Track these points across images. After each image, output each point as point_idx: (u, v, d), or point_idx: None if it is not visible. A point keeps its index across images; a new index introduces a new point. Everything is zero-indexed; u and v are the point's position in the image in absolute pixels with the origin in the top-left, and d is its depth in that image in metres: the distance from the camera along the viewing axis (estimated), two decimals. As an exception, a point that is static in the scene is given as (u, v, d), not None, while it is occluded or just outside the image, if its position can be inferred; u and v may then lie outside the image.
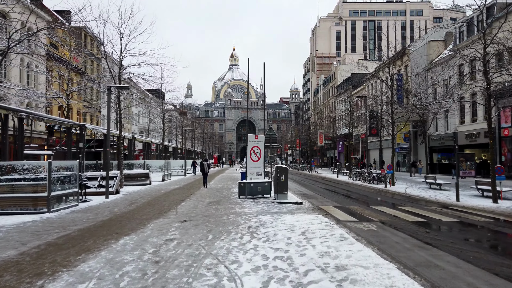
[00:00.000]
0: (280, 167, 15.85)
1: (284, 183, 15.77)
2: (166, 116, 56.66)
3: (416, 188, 23.02)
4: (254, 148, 16.61)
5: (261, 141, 16.99)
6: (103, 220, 10.60)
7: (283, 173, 15.72)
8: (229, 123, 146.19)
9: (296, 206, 14.24)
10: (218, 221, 10.32)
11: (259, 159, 16.83)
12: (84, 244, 7.60)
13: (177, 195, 17.82)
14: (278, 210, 12.74)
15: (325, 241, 7.86)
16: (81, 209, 12.79)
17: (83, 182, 14.69)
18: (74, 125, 21.09)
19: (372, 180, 28.44)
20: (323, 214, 12.39)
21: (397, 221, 11.48)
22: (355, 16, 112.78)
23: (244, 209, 12.68)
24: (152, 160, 32.73)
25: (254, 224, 9.75)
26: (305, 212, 12.50)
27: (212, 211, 12.23)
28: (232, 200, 15.48)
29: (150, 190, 20.61)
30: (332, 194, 20.52)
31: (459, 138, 36.59)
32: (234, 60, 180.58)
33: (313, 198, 18.25)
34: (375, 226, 10.44)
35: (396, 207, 14.83)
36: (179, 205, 13.98)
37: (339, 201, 17.09)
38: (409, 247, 8.06)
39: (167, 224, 9.77)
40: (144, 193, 18.85)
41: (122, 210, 12.61)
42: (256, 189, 16.44)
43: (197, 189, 21.18)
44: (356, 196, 19.86)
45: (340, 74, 77.89)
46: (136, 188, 21.06)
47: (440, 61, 39.26)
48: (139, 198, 16.47)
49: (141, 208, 13.06)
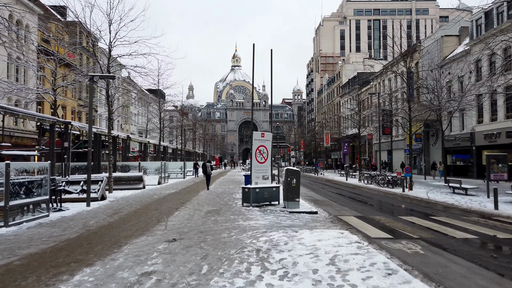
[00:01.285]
0: (291, 170, 13.51)
1: (296, 189, 13.43)
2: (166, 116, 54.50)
3: (439, 193, 20.65)
4: (260, 147, 14.28)
5: (268, 140, 14.66)
6: (68, 238, 8.27)
7: (295, 177, 13.38)
8: (231, 124, 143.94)
9: (311, 217, 11.89)
10: (216, 240, 7.99)
11: (265, 160, 14.50)
12: (19, 284, 5.27)
13: (172, 202, 15.49)
14: (291, 223, 10.39)
15: (368, 277, 5.52)
16: (49, 222, 10.46)
17: (58, 187, 12.37)
18: (57, 122, 18.80)
19: (386, 184, 26.08)
20: (347, 228, 10.05)
21: (443, 238, 9.12)
22: (359, 15, 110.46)
23: (250, 222, 10.34)
24: (148, 162, 30.43)
25: (264, 246, 7.41)
26: (324, 226, 10.16)
27: (210, 225, 9.90)
28: (234, 209, 13.14)
29: (142, 195, 18.29)
30: (348, 201, 18.15)
31: (477, 138, 34.18)
32: (236, 61, 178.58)
33: (327, 205, 15.90)
34: (419, 247, 8.08)
35: (429, 218, 12.46)
36: (171, 215, 11.65)
37: (359, 209, 14.73)
38: (486, 285, 5.71)
39: (150, 246, 7.44)
40: (134, 199, 16.51)
41: (100, 223, 10.28)
42: (262, 196, 14.10)
43: (195, 194, 18.85)
44: (375, 203, 17.49)
45: (345, 74, 75.60)
46: (126, 193, 18.74)
47: (456, 56, 36.92)
48: (126, 206, 14.14)
49: (124, 220, 10.73)
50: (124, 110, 59.12)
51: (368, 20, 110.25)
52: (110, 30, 18.24)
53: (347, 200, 18.51)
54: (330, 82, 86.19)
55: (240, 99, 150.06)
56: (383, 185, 26.55)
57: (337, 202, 17.33)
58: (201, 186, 25.33)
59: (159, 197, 17.30)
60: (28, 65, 22.20)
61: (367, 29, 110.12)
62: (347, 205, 15.94)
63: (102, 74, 16.45)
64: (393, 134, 50.30)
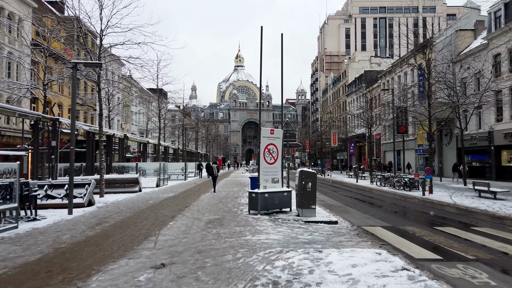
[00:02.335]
0: (306, 172, 11.58)
1: (312, 194, 11.50)
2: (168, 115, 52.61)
3: (463, 197, 18.67)
4: (269, 146, 12.36)
5: (278, 137, 12.73)
6: (25, 262, 6.36)
7: (310, 181, 11.45)
8: (234, 125, 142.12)
9: (331, 228, 9.96)
10: (219, 265, 6.07)
11: (275, 160, 12.57)
12: None
13: (168, 208, 13.59)
14: (311, 238, 8.47)
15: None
16: (14, 236, 8.57)
17: (32, 193, 10.49)
18: (43, 119, 16.99)
19: (403, 186, 24.10)
20: (381, 245, 8.11)
21: (506, 260, 7.17)
22: (365, 13, 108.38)
23: (260, 236, 8.42)
24: (145, 163, 28.56)
25: (283, 276, 5.48)
26: (351, 241, 8.24)
27: (211, 240, 7.99)
28: (240, 218, 11.23)
29: (136, 200, 16.38)
30: (366, 206, 16.19)
31: (496, 137, 32.12)
32: (239, 61, 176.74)
33: (345, 212, 13.95)
34: (484, 275, 6.13)
35: (471, 229, 10.49)
36: (164, 226, 9.75)
37: (382, 217, 12.77)
38: None
39: (129, 276, 5.53)
40: (126, 205, 14.61)
41: (76, 238, 8.38)
42: (272, 202, 12.17)
43: (196, 198, 16.94)
44: (397, 209, 15.53)
45: (351, 72, 73.57)
46: (119, 198, 16.85)
47: (473, 51, 34.87)
48: (115, 213, 12.24)
49: (106, 234, 8.83)
50: (125, 109, 57.49)
51: (374, 18, 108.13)
52: (101, 17, 16.40)
53: (365, 205, 16.55)
54: (336, 81, 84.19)
55: (243, 100, 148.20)
56: (399, 188, 24.61)
57: (354, 207, 15.37)
58: (203, 188, 23.45)
59: (155, 202, 15.39)
60: (15, 58, 20.33)
61: (373, 28, 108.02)
62: (367, 212, 13.98)
63: (86, 61, 14.57)
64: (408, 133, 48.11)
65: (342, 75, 79.40)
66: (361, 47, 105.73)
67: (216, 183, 23.21)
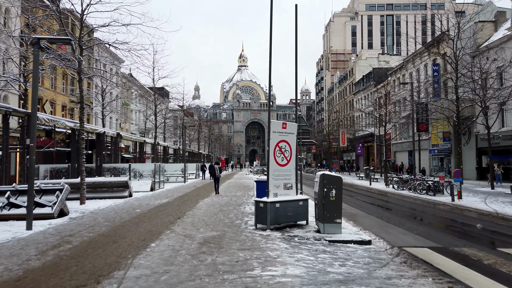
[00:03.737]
0: (330, 177, 9.05)
1: (336, 205, 8.98)
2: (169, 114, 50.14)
3: (500, 203, 16.19)
4: (281, 143, 9.84)
5: (292, 133, 10.21)
6: None
7: (334, 187, 8.93)
8: (238, 125, 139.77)
9: (367, 252, 7.43)
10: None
11: (288, 161, 10.05)
12: None
13: (155, 220, 11.08)
14: (345, 271, 5.94)
15: None
16: None
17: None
18: (14, 112, 14.57)
19: (426, 191, 21.53)
20: (449, 282, 5.57)
21: None
22: (371, 10, 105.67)
23: (273, 270, 5.90)
24: (140, 164, 26.08)
25: None
26: (404, 275, 5.72)
27: (204, 278, 5.47)
28: (245, 235, 8.72)
29: (122, 208, 13.88)
30: (393, 215, 13.63)
31: (521, 137, 29.48)
32: (243, 61, 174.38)
33: (374, 225, 11.39)
34: None
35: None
36: (143, 251, 7.23)
37: (423, 232, 10.19)
38: None
39: None
40: (107, 215, 12.10)
41: (2, 276, 5.84)
42: (284, 213, 9.64)
43: (192, 206, 14.43)
44: (433, 220, 12.96)
45: (358, 70, 70.96)
46: (103, 205, 14.36)
47: (495, 43, 32.21)
48: (86, 228, 9.73)
49: (55, 267, 6.29)
50: (124, 107, 55.12)
51: (381, 16, 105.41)
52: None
53: (392, 214, 14.00)
54: (342, 80, 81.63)
55: (247, 100, 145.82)
56: (420, 192, 22.03)
57: (381, 218, 12.82)
58: (202, 192, 20.97)
59: (142, 212, 12.88)
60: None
61: (380, 25, 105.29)
62: (399, 224, 11.42)
63: (52, 37, 12.12)
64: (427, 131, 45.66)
65: (349, 73, 76.84)
66: (367, 45, 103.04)
67: (219, 185, 21.05)
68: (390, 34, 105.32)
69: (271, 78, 10.08)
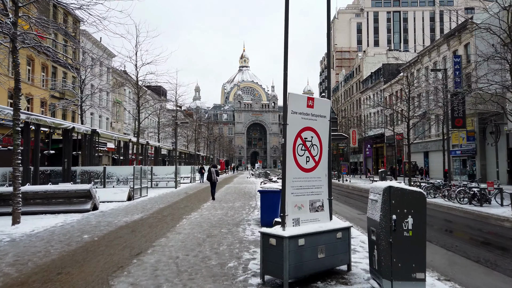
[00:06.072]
0: (401, 193, 4.86)
1: (416, 245, 4.80)
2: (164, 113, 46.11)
3: None
4: (304, 133, 5.68)
5: (323, 115, 6.03)
6: None
7: (411, 213, 4.75)
8: (239, 126, 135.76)
9: None
10: None
11: (317, 164, 5.87)
12: None
13: (100, 261, 6.91)
14: None
15: None
16: None
17: None
18: None
19: (469, 200, 17.35)
20: None
21: None
22: (378, 6, 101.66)
23: None
24: (119, 167, 21.88)
25: None
26: None
27: None
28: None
29: (66, 231, 9.67)
30: (448, 238, 9.45)
31: None
32: (244, 61, 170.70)
33: (449, 262, 7.23)
34: None
35: None
36: None
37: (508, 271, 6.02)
38: None
39: None
40: (29, 248, 7.89)
41: None
42: (313, 255, 5.42)
43: (170, 228, 10.24)
44: (508, 245, 8.77)
45: (366, 67, 66.82)
46: (43, 225, 10.19)
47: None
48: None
49: None
50: (116, 106, 51.06)
51: (387, 12, 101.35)
52: None
53: (446, 236, 9.82)
54: (348, 78, 77.54)
55: (248, 101, 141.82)
56: (461, 201, 17.87)
57: (444, 247, 8.61)
58: (192, 203, 16.80)
59: (91, 240, 8.65)
60: None
61: (386, 22, 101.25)
62: (467, 254, 7.23)
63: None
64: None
65: (355, 71, 72.76)
66: (373, 43, 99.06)
67: (216, 191, 17.16)
68: (397, 32, 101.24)
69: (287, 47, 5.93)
